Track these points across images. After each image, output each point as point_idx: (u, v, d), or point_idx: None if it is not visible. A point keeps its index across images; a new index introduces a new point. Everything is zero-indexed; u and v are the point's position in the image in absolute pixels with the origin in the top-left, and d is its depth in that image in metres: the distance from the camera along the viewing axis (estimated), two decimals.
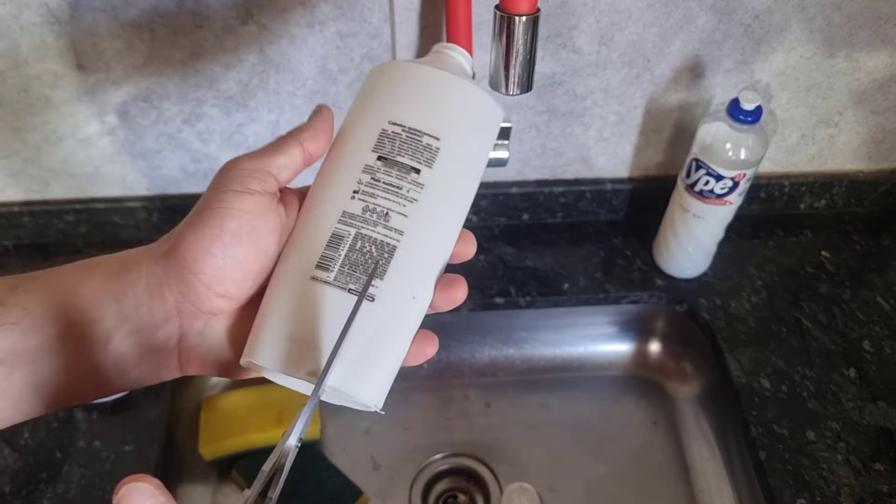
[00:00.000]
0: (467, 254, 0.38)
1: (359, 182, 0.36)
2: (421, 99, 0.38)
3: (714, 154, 0.69)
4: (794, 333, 0.76)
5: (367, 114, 0.38)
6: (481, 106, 0.39)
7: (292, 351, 0.33)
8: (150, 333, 0.34)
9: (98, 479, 0.65)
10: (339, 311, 0.34)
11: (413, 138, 0.37)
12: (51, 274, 0.34)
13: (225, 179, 0.35)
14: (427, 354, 0.36)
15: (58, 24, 0.64)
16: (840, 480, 0.65)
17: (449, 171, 0.37)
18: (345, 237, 0.35)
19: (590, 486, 0.78)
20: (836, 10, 0.69)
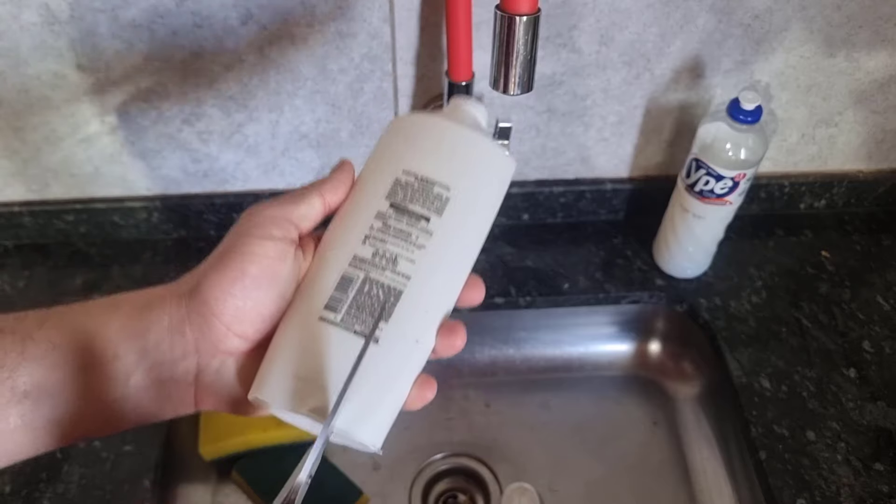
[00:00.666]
0: (474, 300, 0.39)
1: (371, 228, 0.38)
2: (434, 150, 0.40)
3: (714, 154, 0.69)
4: (795, 333, 0.76)
5: (384, 163, 0.40)
6: (493, 159, 0.41)
7: (298, 389, 0.34)
8: (169, 370, 0.35)
9: (98, 480, 0.65)
10: (345, 352, 0.35)
11: (425, 187, 0.38)
12: (77, 309, 0.35)
13: (249, 225, 0.36)
14: (427, 398, 0.37)
15: (58, 24, 0.64)
16: (840, 480, 0.65)
17: (458, 220, 0.38)
18: (354, 280, 0.36)
19: (590, 485, 0.78)
20: (836, 10, 0.69)
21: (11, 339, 0.33)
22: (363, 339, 0.35)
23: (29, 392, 0.32)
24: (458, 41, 0.62)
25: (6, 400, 0.32)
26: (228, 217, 0.82)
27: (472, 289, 0.39)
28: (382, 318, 0.36)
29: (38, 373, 0.33)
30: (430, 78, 0.71)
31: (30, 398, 0.33)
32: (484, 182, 0.40)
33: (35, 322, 0.34)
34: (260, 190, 0.80)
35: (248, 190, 0.80)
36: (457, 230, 0.38)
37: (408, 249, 0.37)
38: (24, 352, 0.33)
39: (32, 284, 0.79)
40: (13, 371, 0.32)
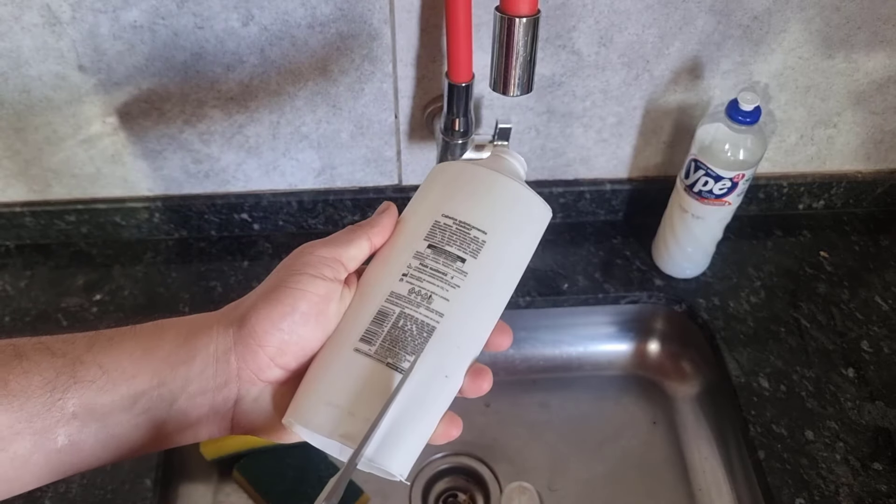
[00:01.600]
0: (502, 345, 0.41)
1: (408, 266, 0.39)
2: (473, 195, 0.42)
3: (713, 155, 0.69)
4: (793, 333, 0.77)
5: (425, 206, 0.42)
6: (529, 207, 0.43)
7: (330, 415, 0.36)
8: (212, 396, 0.36)
9: (99, 479, 0.66)
10: (377, 383, 0.36)
11: (462, 230, 0.40)
12: (125, 333, 0.37)
13: (301, 263, 0.38)
14: (452, 436, 0.38)
15: (59, 25, 0.64)
16: (839, 480, 0.66)
17: (492, 263, 0.40)
18: (389, 315, 0.38)
19: (589, 485, 0.78)
20: (834, 12, 0.69)
21: (63, 362, 0.34)
22: (394, 371, 0.37)
23: (77, 413, 0.34)
24: (458, 43, 0.63)
25: (55, 420, 0.33)
26: (229, 217, 0.82)
27: (500, 334, 0.41)
28: (415, 352, 0.37)
29: (87, 395, 0.34)
30: (430, 79, 0.71)
31: (78, 419, 0.34)
32: (519, 228, 0.42)
33: (84, 345, 0.35)
34: (261, 190, 0.81)
35: (248, 190, 0.80)
36: (491, 272, 0.40)
37: (443, 288, 0.39)
38: (76, 374, 0.34)
39: (34, 285, 0.80)
40: (64, 392, 0.34)
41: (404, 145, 0.77)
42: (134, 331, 0.37)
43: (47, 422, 0.33)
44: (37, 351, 0.35)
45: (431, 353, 0.37)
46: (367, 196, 0.82)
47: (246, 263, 0.82)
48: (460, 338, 0.38)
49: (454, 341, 0.38)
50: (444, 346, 0.38)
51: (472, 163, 0.44)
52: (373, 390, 0.36)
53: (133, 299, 0.78)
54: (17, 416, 0.33)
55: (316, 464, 0.75)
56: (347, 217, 0.84)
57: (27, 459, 0.33)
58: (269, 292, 0.37)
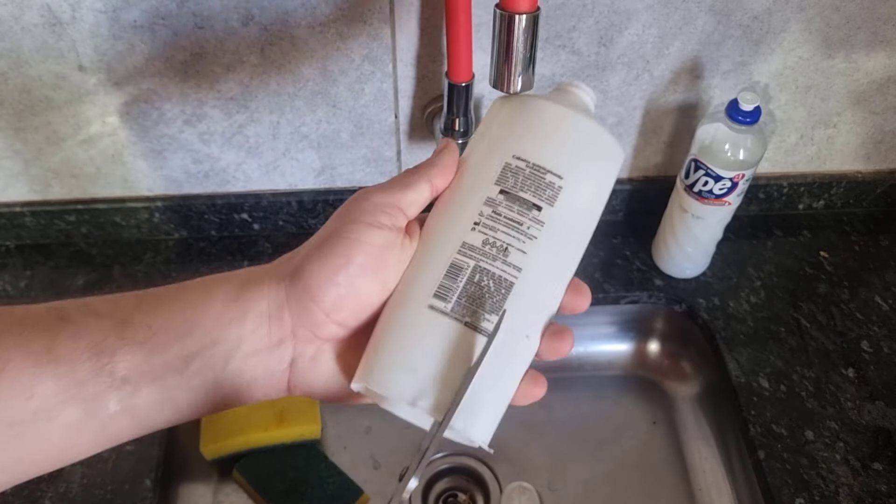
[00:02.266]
0: (578, 306, 0.39)
1: (480, 214, 0.36)
2: (547, 136, 0.38)
3: (713, 155, 0.69)
4: (793, 333, 0.77)
5: (492, 146, 0.38)
6: (606, 149, 0.39)
7: (409, 382, 0.34)
8: (266, 355, 0.34)
9: (99, 479, 0.66)
10: (457, 345, 0.34)
11: (536, 175, 0.37)
12: (172, 292, 0.35)
13: (356, 211, 0.35)
14: (536, 396, 0.36)
15: (59, 25, 0.64)
16: (839, 480, 0.66)
17: (570, 212, 0.37)
18: (463, 268, 0.35)
19: (589, 485, 0.78)
20: (834, 12, 0.69)
21: (110, 323, 0.32)
22: (473, 330, 0.34)
23: (128, 377, 0.32)
24: (458, 42, 0.63)
25: (106, 385, 0.31)
26: (229, 217, 0.82)
27: (577, 294, 0.38)
28: (493, 310, 0.35)
29: (137, 357, 0.32)
30: (431, 79, 0.71)
31: (129, 383, 0.32)
32: (596, 171, 0.39)
33: (132, 305, 0.33)
34: (261, 190, 0.81)
35: (249, 191, 0.80)
36: (569, 222, 0.37)
37: (519, 240, 0.36)
38: (124, 336, 0.32)
39: (34, 285, 0.80)
40: (112, 356, 0.32)
41: (404, 145, 0.77)
42: (182, 288, 0.35)
43: (97, 388, 0.31)
44: (81, 313, 0.33)
45: (511, 312, 0.35)
46: None
47: (246, 263, 0.82)
48: (539, 295, 0.36)
49: (533, 299, 0.36)
50: (523, 304, 0.35)
51: (541, 98, 0.40)
52: (454, 353, 0.34)
53: None
54: (65, 382, 0.31)
55: (316, 464, 0.75)
56: None
57: (80, 428, 0.32)
58: (322, 243, 0.35)
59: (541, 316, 0.36)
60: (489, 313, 0.35)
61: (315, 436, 0.77)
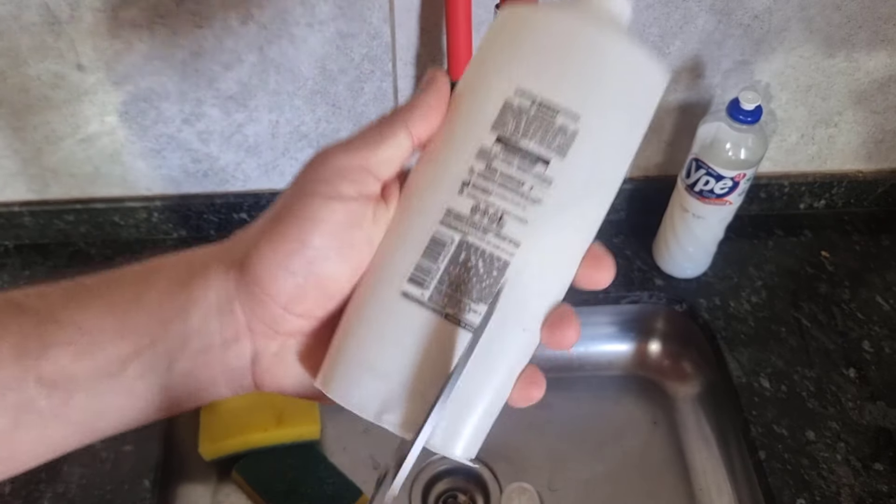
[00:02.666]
0: (599, 280, 0.30)
1: (470, 171, 0.29)
2: (560, 61, 0.29)
3: (714, 154, 0.69)
4: (794, 333, 0.76)
5: (490, 76, 0.30)
6: (639, 74, 0.30)
7: (374, 390, 0.28)
8: (220, 354, 0.30)
9: (98, 479, 0.65)
10: (434, 342, 0.28)
11: (544, 116, 0.28)
12: (107, 284, 0.30)
13: (312, 180, 0.29)
14: (533, 398, 0.30)
15: (58, 24, 0.64)
16: (840, 480, 0.65)
17: (586, 164, 0.29)
18: (446, 245, 0.28)
19: (589, 485, 0.78)
20: (835, 11, 0.69)
21: (34, 321, 0.28)
22: (455, 324, 0.28)
23: (57, 383, 0.28)
24: (459, 41, 0.62)
25: (35, 393, 0.27)
26: (229, 217, 0.82)
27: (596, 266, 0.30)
28: (482, 299, 0.28)
29: (63, 361, 0.28)
30: None
31: (59, 389, 0.28)
32: (626, 108, 0.30)
33: (60, 300, 0.29)
34: (260, 190, 0.80)
35: (248, 190, 0.80)
36: (584, 179, 0.29)
37: (518, 205, 0.28)
38: (48, 336, 0.28)
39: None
40: (37, 360, 0.27)
41: None
42: (119, 277, 0.30)
43: (23, 395, 0.27)
44: (4, 309, 0.28)
45: (504, 300, 0.28)
46: None
47: None
48: (542, 276, 0.29)
49: (534, 282, 0.28)
50: (520, 290, 0.28)
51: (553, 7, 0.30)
52: (431, 354, 0.28)
53: None
54: None
55: (315, 464, 0.74)
56: None
57: (13, 438, 0.28)
58: (273, 224, 0.29)
59: (543, 303, 0.29)
60: (476, 302, 0.28)
61: (314, 436, 0.76)
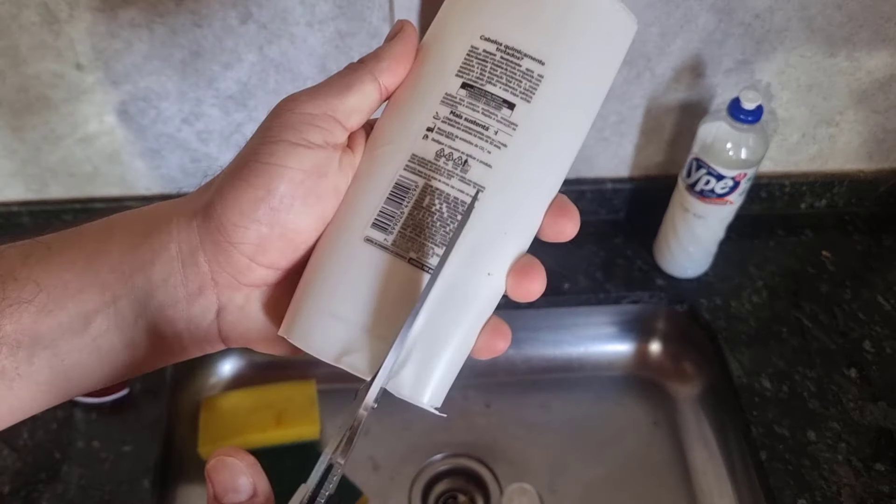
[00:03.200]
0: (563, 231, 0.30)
1: (435, 117, 0.29)
2: (525, 5, 0.29)
3: (715, 154, 0.69)
4: (795, 333, 0.76)
5: (456, 24, 0.30)
6: (607, 21, 0.30)
7: (336, 332, 0.28)
8: (185, 308, 0.29)
9: (97, 480, 0.65)
10: (396, 286, 0.28)
11: (509, 60, 0.29)
12: (66, 239, 0.29)
13: (278, 126, 0.28)
14: (498, 349, 0.30)
15: (57, 23, 0.63)
16: (841, 481, 0.65)
17: (552, 109, 0.29)
18: (410, 189, 0.28)
19: (590, 486, 0.77)
20: (836, 10, 0.68)
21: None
22: (418, 268, 0.28)
23: (21, 342, 0.27)
24: None
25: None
26: None
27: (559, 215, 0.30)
28: (444, 243, 0.28)
29: (24, 320, 0.27)
30: None
31: (23, 348, 0.27)
32: (593, 52, 0.30)
33: (19, 258, 0.28)
34: None
35: None
36: (550, 123, 0.29)
37: (482, 149, 0.28)
38: (6, 295, 0.27)
39: None
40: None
41: None
42: (79, 233, 0.30)
43: None
44: None
45: (469, 244, 0.28)
46: None
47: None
48: (507, 220, 0.29)
49: (499, 225, 0.29)
50: (485, 234, 0.28)
51: None
52: (392, 297, 0.28)
53: None
54: None
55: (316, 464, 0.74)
56: None
57: None
58: (237, 171, 0.28)
59: (508, 248, 0.29)
60: (440, 246, 0.28)
61: (314, 437, 0.76)
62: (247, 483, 0.26)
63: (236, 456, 0.25)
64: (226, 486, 0.25)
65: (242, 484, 0.25)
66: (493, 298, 0.29)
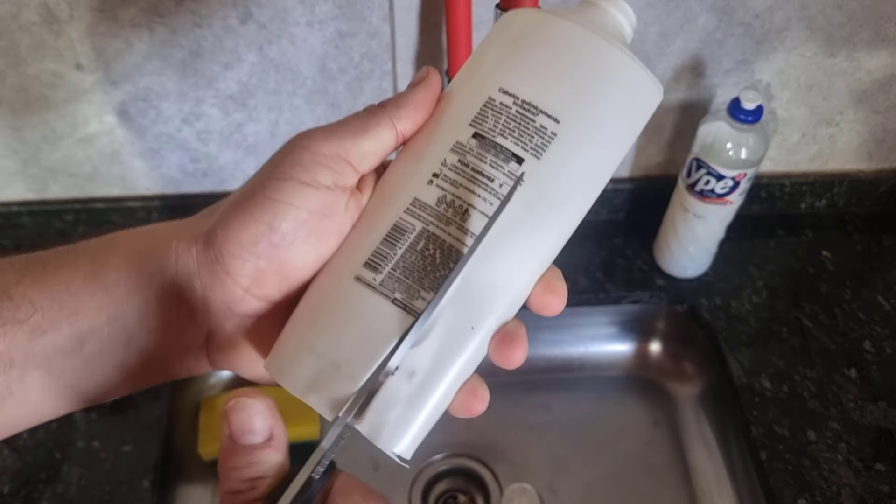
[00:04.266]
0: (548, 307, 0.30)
1: (443, 164, 0.28)
2: (547, 64, 0.29)
3: (715, 154, 0.69)
4: (795, 333, 0.76)
5: (477, 75, 0.30)
6: (629, 84, 0.30)
7: (308, 366, 0.28)
8: (177, 330, 0.29)
9: (97, 480, 0.65)
10: (377, 326, 0.27)
11: (524, 115, 0.28)
12: (63, 257, 0.29)
13: (290, 162, 0.28)
14: (475, 410, 0.29)
15: (57, 23, 0.63)
16: (841, 481, 0.65)
17: (562, 168, 0.29)
18: (407, 232, 0.28)
19: (590, 486, 0.77)
20: (836, 10, 0.68)
21: None
22: (402, 310, 0.27)
23: (14, 360, 0.27)
24: (459, 40, 0.62)
25: None
26: None
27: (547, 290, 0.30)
28: (432, 288, 0.27)
29: (19, 338, 0.27)
30: None
31: (16, 367, 0.27)
32: (610, 117, 0.29)
33: (14, 276, 0.28)
34: None
35: None
36: (559, 183, 0.29)
37: (486, 199, 0.28)
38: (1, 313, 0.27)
39: None
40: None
41: None
42: (77, 251, 0.30)
43: None
44: None
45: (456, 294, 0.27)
46: None
47: None
48: (500, 276, 0.28)
49: (491, 279, 0.28)
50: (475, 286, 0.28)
51: (556, 15, 0.30)
52: (371, 337, 0.27)
53: None
54: None
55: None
56: None
57: None
58: (242, 203, 0.28)
59: (496, 304, 0.28)
60: (428, 291, 0.27)
61: (314, 437, 0.76)
62: (264, 425, 0.26)
63: (255, 397, 0.25)
64: (242, 427, 0.25)
65: (259, 425, 0.25)
66: (476, 353, 0.29)
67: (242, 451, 0.25)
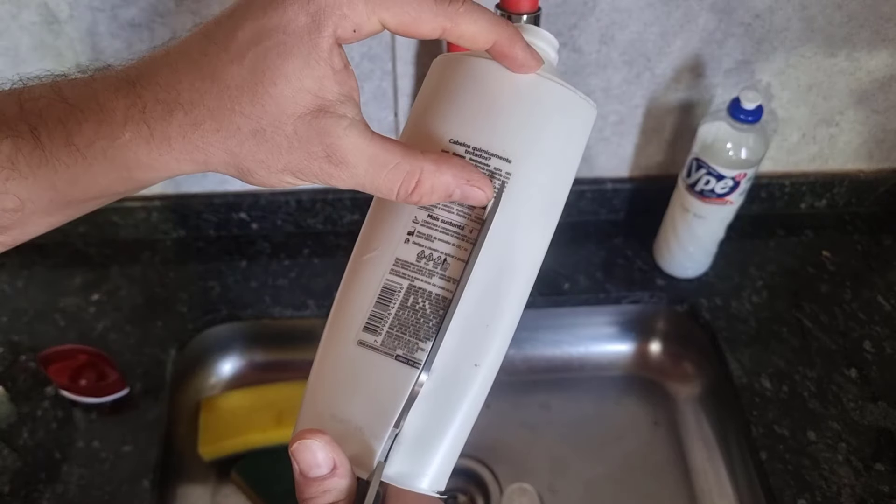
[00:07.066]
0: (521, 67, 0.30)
1: (414, 221, 0.31)
2: (490, 109, 0.31)
3: (715, 154, 0.69)
4: (795, 333, 0.76)
5: (427, 128, 0.32)
6: (566, 112, 0.32)
7: (335, 433, 0.30)
8: None
9: (97, 480, 0.65)
10: (387, 384, 0.30)
11: (478, 161, 0.30)
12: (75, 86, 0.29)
13: None
14: None
15: (57, 23, 0.63)
16: (841, 481, 0.65)
17: (523, 203, 0.31)
18: (396, 291, 0.30)
19: (590, 486, 0.77)
20: (836, 10, 0.68)
21: None
22: (405, 364, 0.30)
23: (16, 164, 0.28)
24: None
25: None
26: (227, 216, 0.82)
27: None
28: (429, 337, 0.30)
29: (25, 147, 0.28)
30: None
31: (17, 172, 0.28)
32: (556, 145, 0.31)
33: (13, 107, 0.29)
34: (259, 190, 0.80)
35: (247, 190, 0.80)
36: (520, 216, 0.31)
37: (459, 247, 0.30)
38: None
39: (31, 284, 0.79)
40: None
41: None
42: None
43: None
44: None
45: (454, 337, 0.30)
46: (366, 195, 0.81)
47: (244, 263, 0.82)
48: (486, 311, 0.30)
49: (480, 317, 0.30)
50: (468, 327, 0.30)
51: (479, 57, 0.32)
52: (383, 395, 0.30)
53: (131, 299, 0.78)
54: None
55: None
56: (347, 216, 0.83)
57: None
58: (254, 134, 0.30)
59: (493, 337, 0.31)
60: (424, 341, 0.30)
61: None
62: (326, 458, 0.29)
63: (313, 437, 0.28)
64: (309, 464, 0.29)
65: (322, 458, 0.29)
66: (483, 387, 0.31)
67: (313, 482, 0.29)
